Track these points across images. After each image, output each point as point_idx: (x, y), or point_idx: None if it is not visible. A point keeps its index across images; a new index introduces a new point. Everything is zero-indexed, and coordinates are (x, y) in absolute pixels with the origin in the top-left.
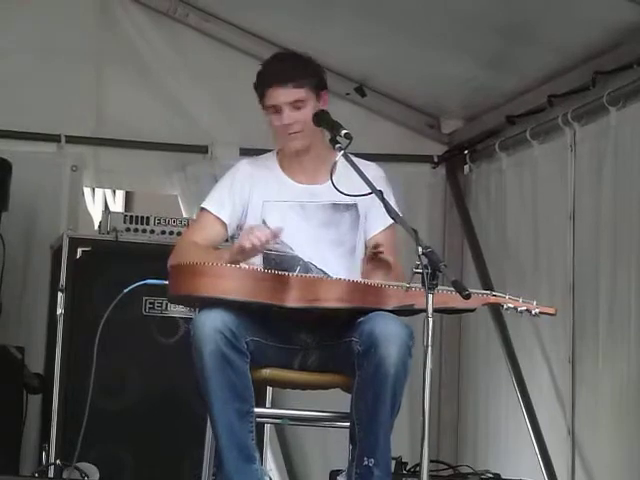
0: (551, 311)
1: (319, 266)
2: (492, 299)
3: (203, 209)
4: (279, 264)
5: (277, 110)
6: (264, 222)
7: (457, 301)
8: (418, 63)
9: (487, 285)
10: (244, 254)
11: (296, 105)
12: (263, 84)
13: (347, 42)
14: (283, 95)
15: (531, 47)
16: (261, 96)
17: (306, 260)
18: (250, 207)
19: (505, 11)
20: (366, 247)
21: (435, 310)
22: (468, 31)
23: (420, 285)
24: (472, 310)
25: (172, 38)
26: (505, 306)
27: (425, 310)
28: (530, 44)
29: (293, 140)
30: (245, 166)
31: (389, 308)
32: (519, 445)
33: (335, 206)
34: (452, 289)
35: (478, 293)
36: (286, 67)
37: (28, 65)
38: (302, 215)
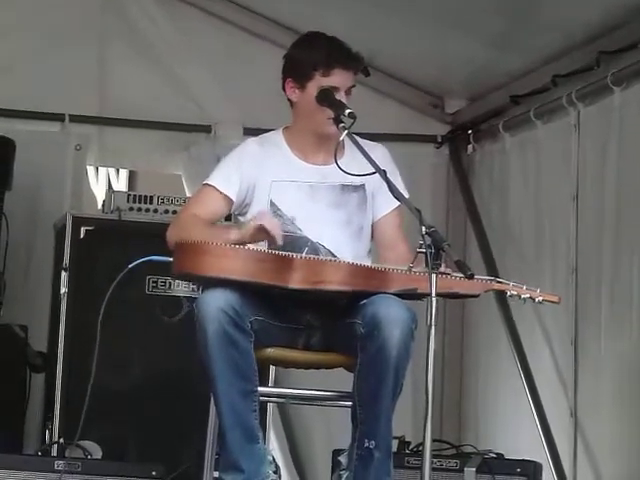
0: (554, 299)
1: (327, 247)
2: (496, 285)
3: (208, 185)
4: (287, 244)
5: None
6: (272, 202)
7: (460, 286)
8: (422, 43)
9: (490, 265)
10: (258, 234)
11: (349, 91)
12: (328, 63)
13: (350, 21)
14: (347, 79)
15: (535, 27)
16: (322, 73)
17: (314, 241)
18: (258, 186)
19: None
20: (373, 229)
21: (438, 295)
22: (472, 10)
23: (423, 269)
24: (476, 296)
25: (175, 17)
26: (509, 293)
27: (428, 294)
28: (534, 23)
29: (333, 124)
30: (252, 145)
31: (392, 292)
32: (521, 425)
33: (344, 187)
34: (457, 274)
35: (482, 279)
36: (350, 51)
37: (32, 44)
38: (311, 195)
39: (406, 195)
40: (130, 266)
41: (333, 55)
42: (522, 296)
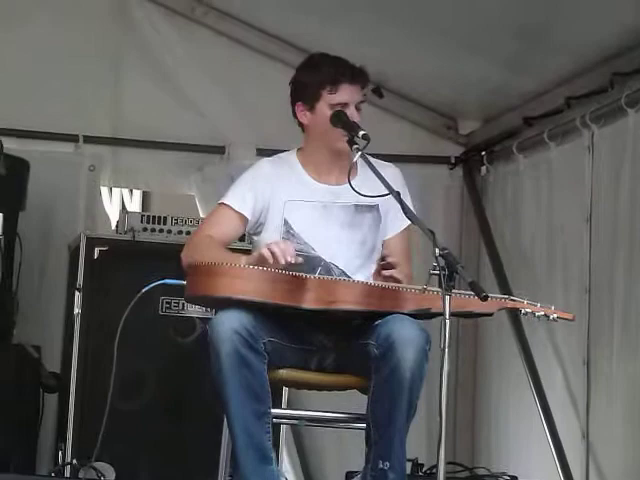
0: (569, 317)
1: (340, 267)
2: (510, 304)
3: (222, 204)
4: (301, 264)
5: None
6: (286, 222)
7: (474, 305)
8: (435, 64)
9: (503, 287)
10: (262, 264)
11: (358, 107)
12: (334, 79)
13: (364, 43)
14: (354, 93)
15: (549, 48)
16: (330, 91)
17: (328, 261)
18: (271, 206)
19: (523, 12)
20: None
21: (452, 314)
22: (486, 32)
23: (437, 288)
24: (490, 314)
25: (190, 38)
26: (523, 311)
27: (442, 314)
28: (548, 45)
29: (347, 142)
30: (266, 165)
31: (405, 312)
32: (535, 447)
33: (358, 207)
34: (469, 293)
35: (496, 297)
36: (355, 66)
37: (46, 65)
38: (325, 215)
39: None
40: (143, 290)
41: (338, 71)
42: (537, 314)
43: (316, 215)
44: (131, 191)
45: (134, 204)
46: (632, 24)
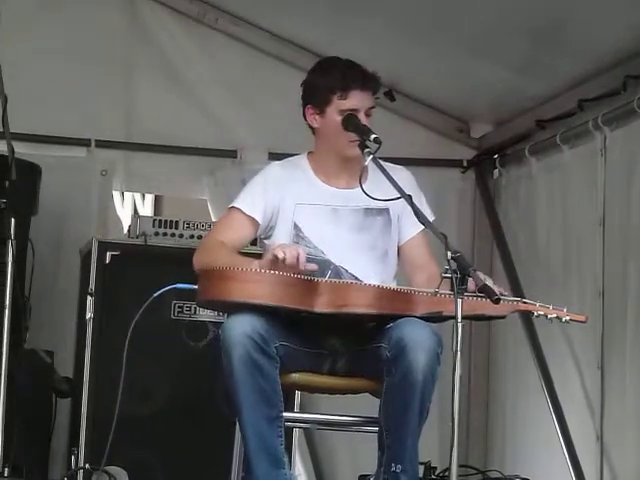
0: (581, 319)
1: (350, 270)
2: (522, 306)
3: (234, 208)
4: (313, 270)
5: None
6: (296, 225)
7: (487, 308)
8: (447, 67)
9: (517, 290)
10: (275, 266)
11: (369, 112)
12: (344, 85)
13: (376, 46)
14: (365, 99)
15: (561, 51)
16: (340, 96)
17: (337, 264)
18: (282, 209)
19: (535, 15)
20: (399, 252)
21: (464, 317)
22: (498, 35)
23: (449, 291)
24: (502, 317)
25: (201, 43)
26: (535, 313)
27: (454, 317)
28: (560, 48)
29: (356, 146)
30: (276, 168)
31: (417, 315)
32: (548, 450)
33: (367, 211)
34: (482, 295)
35: (508, 300)
36: (366, 72)
37: (58, 70)
38: (334, 219)
39: (432, 217)
40: (155, 295)
41: (349, 77)
42: (549, 316)
43: (326, 219)
44: (143, 195)
45: (146, 208)
46: None
